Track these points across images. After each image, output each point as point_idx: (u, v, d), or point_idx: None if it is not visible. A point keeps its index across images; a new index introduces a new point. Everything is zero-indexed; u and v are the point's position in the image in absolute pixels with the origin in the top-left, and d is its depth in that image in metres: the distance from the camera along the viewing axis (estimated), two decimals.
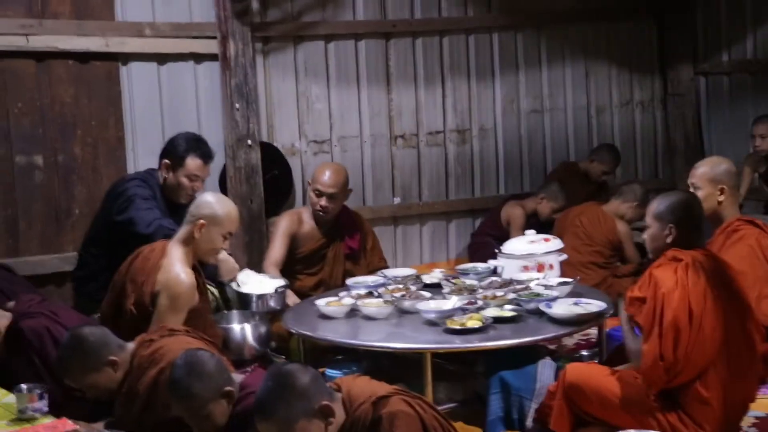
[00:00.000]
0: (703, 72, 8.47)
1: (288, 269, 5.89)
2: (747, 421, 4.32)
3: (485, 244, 6.96)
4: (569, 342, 5.80)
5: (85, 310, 5.20)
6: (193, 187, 5.51)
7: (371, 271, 5.95)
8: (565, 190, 7.28)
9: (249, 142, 6.51)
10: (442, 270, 5.92)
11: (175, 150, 5.52)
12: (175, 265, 4.48)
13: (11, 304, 4.86)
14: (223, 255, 4.98)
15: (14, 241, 6.22)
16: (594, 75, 8.33)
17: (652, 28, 8.57)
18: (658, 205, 4.21)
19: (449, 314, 4.75)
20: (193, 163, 5.49)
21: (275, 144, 7.06)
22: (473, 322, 4.62)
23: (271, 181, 6.83)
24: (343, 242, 6.00)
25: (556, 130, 8.21)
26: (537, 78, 8.10)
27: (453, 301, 4.93)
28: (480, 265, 5.83)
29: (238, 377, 3.76)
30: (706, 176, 4.94)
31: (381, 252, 6.37)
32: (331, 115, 7.30)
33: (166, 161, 5.53)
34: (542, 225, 6.87)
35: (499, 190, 7.98)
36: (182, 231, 4.62)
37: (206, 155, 5.57)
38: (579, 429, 4.13)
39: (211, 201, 4.67)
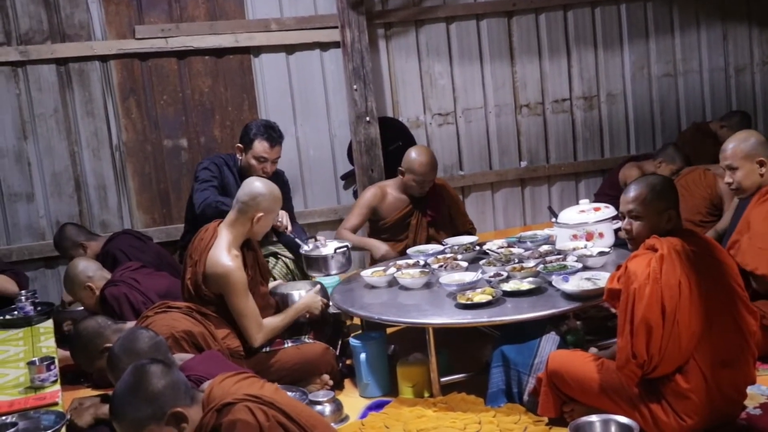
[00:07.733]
0: None
1: (375, 238, 5.82)
2: (756, 400, 3.88)
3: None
4: None
5: None
6: (263, 168, 5.50)
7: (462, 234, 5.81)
8: (690, 151, 6.74)
9: (367, 118, 6.52)
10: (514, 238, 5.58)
11: (247, 134, 5.57)
12: (221, 253, 4.36)
13: None
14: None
15: (168, 210, 6.60)
16: (732, 36, 7.67)
17: None
18: (648, 191, 3.71)
19: (469, 287, 4.46)
20: (260, 145, 5.51)
21: (400, 118, 7.04)
22: (482, 297, 4.30)
23: (397, 151, 6.71)
24: (425, 211, 5.82)
25: (690, 91, 7.66)
26: (669, 44, 7.58)
27: (475, 274, 4.64)
28: (540, 233, 5.52)
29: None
30: (742, 153, 4.57)
31: (467, 217, 6.16)
32: (454, 90, 7.16)
33: (240, 144, 5.60)
34: None
35: (630, 151, 7.56)
36: (233, 216, 4.47)
37: (272, 139, 5.54)
38: (564, 406, 3.89)
39: (264, 192, 4.49)
